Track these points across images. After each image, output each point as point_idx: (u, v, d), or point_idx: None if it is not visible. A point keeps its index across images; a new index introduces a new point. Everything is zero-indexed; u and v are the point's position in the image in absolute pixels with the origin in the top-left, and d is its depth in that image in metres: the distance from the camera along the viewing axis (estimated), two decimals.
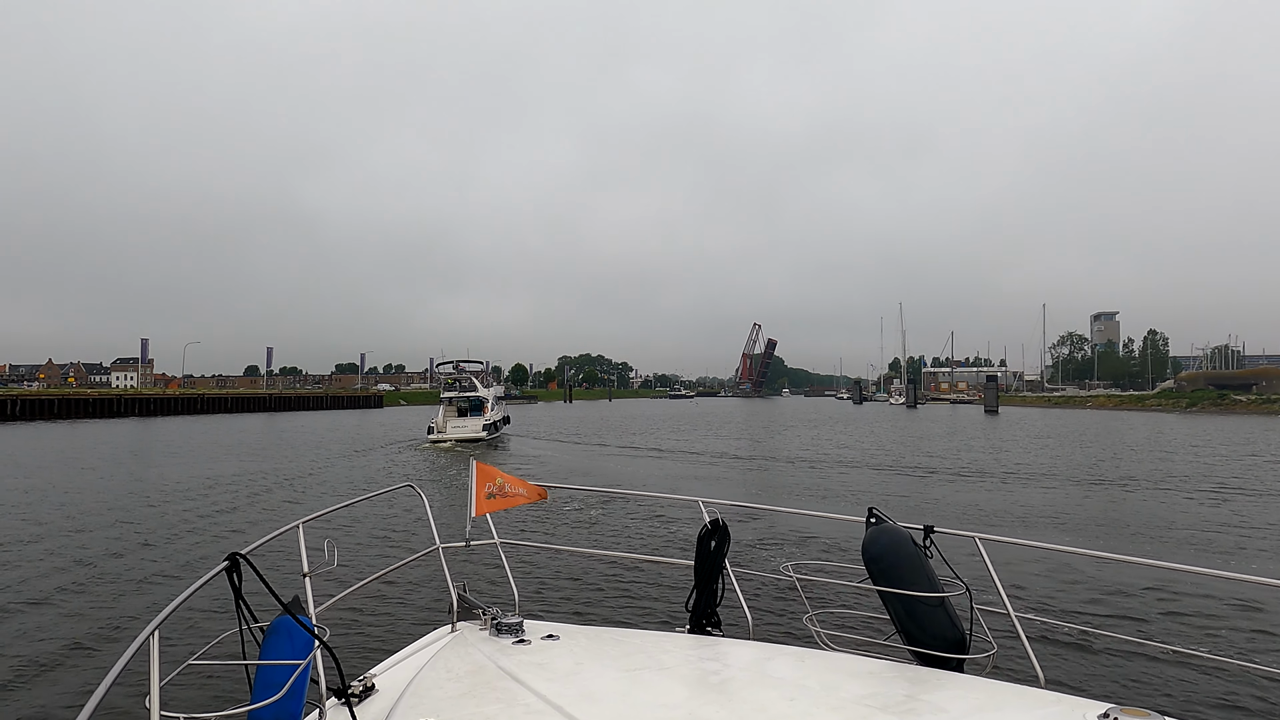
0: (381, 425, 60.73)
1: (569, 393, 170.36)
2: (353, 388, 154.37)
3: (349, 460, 31.46)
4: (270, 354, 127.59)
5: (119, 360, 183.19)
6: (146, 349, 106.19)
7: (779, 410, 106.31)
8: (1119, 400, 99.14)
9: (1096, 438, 44.15)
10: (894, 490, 21.51)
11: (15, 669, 7.85)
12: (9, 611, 9.81)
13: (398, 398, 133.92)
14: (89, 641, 8.69)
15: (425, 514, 4.59)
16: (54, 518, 16.61)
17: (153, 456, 32.24)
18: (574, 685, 2.94)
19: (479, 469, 4.43)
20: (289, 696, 2.49)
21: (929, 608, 3.46)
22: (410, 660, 3.52)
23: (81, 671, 7.79)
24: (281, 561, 9.09)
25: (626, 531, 15.21)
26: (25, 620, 9.48)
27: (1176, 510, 18.07)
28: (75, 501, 19.05)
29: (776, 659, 3.33)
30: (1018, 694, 2.95)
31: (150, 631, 2.20)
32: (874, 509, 3.84)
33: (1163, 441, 40.78)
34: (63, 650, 8.40)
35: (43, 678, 7.67)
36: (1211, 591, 9.97)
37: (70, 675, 7.70)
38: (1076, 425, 58.77)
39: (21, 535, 14.65)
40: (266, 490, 21.78)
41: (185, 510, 17.64)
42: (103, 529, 15.27)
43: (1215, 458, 31.08)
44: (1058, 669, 7.09)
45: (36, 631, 9.03)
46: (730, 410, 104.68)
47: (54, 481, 23.30)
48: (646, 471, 27.96)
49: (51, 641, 8.66)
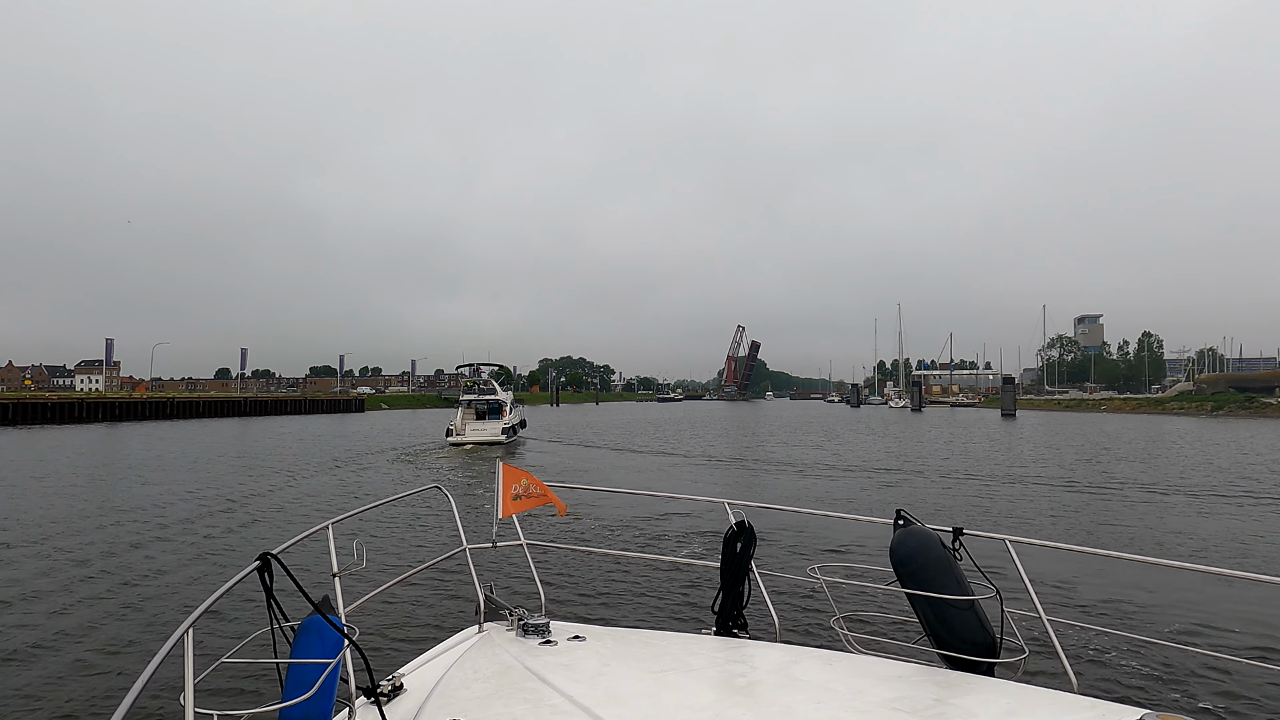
0: (380, 430, 56.24)
1: (555, 396, 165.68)
2: (331, 391, 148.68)
3: (364, 467, 29.66)
4: (244, 355, 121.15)
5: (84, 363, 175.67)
6: (112, 350, 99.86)
7: (773, 414, 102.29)
8: (1135, 404, 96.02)
9: (1152, 445, 40.82)
10: (1038, 509, 17.64)
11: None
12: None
13: (379, 401, 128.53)
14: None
15: (452, 515, 4.62)
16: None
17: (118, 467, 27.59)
18: (600, 686, 2.92)
19: (506, 471, 4.48)
20: (319, 695, 2.50)
21: (958, 611, 3.38)
22: (438, 660, 3.54)
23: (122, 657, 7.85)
24: (311, 562, 8.77)
25: (652, 533, 15.01)
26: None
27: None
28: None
29: (804, 661, 3.32)
30: (1050, 699, 2.90)
31: (185, 629, 2.27)
32: (901, 511, 3.78)
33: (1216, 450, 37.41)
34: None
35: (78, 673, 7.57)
36: (1256, 598, 9.60)
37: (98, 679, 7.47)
38: (1112, 431, 55.46)
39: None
40: (291, 503, 18.38)
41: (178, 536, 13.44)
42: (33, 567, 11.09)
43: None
44: (1091, 674, 6.95)
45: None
46: (720, 414, 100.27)
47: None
48: (679, 477, 26.81)
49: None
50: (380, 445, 41.90)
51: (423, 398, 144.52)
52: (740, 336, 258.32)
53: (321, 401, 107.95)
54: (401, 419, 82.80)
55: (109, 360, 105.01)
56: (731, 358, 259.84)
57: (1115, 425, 62.54)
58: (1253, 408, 75.44)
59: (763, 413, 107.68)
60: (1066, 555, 10.76)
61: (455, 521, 4.57)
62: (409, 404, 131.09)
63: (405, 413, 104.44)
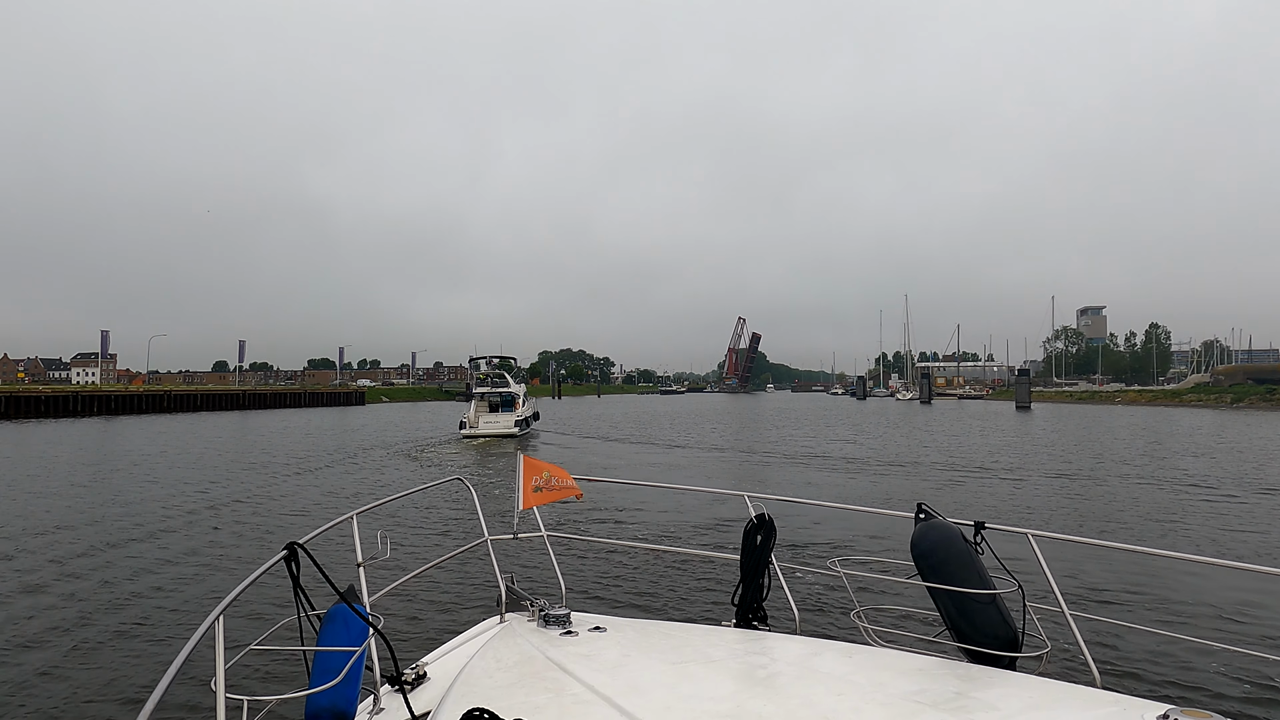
0: (385, 424, 54.66)
1: (558, 388, 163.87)
2: (330, 383, 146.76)
3: (376, 462, 28.52)
4: (242, 348, 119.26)
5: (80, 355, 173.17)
6: (108, 342, 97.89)
7: (781, 406, 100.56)
8: (1151, 396, 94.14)
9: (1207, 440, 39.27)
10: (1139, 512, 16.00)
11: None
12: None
13: (380, 394, 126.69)
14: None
15: (474, 506, 4.68)
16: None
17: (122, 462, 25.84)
18: (621, 677, 2.90)
19: (526, 463, 4.46)
20: (345, 682, 2.53)
21: (980, 604, 3.35)
22: (461, 649, 3.55)
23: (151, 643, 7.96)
24: (336, 552, 8.43)
25: (672, 525, 14.92)
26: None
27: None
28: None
29: (824, 654, 3.28)
30: (1072, 693, 2.87)
31: (215, 617, 2.30)
32: (923, 504, 3.78)
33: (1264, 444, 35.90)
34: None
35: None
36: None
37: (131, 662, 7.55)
38: (1141, 424, 53.96)
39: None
40: (315, 504, 16.65)
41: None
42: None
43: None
44: (1115, 669, 6.82)
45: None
46: (726, 407, 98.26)
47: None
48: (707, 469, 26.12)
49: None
50: (390, 439, 40.49)
51: (424, 390, 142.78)
52: (741, 329, 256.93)
53: (322, 395, 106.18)
54: (404, 412, 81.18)
55: (105, 353, 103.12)
56: (733, 350, 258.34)
57: (1143, 419, 60.71)
58: (1275, 399, 73.76)
59: (769, 405, 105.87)
60: (1091, 550, 10.76)
61: (477, 513, 4.61)
62: (409, 396, 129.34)
63: (407, 406, 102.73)
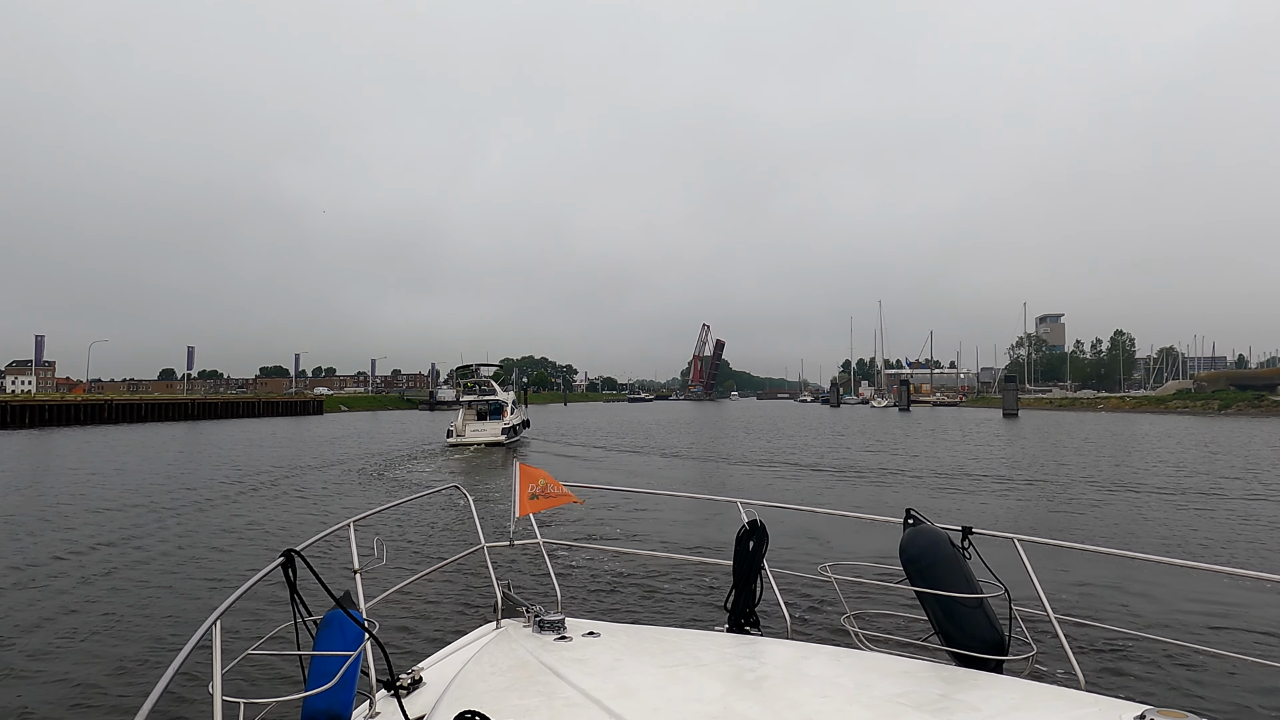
0: (352, 434, 50.80)
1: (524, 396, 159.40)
2: (284, 391, 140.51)
3: (369, 472, 27.17)
4: (191, 354, 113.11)
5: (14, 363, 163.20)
6: (42, 348, 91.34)
7: (754, 415, 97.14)
8: (1135, 402, 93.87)
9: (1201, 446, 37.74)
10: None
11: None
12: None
13: (338, 403, 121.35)
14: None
15: (470, 514, 4.75)
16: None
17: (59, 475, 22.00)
18: (613, 680, 2.94)
19: (522, 470, 4.52)
20: (340, 686, 2.56)
21: (967, 608, 3.40)
22: (456, 655, 3.59)
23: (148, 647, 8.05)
24: (333, 559, 9.00)
25: (666, 532, 15.16)
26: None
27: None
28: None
29: (813, 658, 3.33)
30: (1054, 695, 2.93)
31: (212, 621, 2.35)
32: (911, 510, 3.80)
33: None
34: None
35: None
36: (1262, 597, 9.58)
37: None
38: (1140, 432, 52.68)
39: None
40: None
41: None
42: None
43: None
44: (1099, 671, 6.90)
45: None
46: (694, 415, 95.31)
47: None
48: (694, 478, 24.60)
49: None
50: (363, 450, 37.30)
51: (385, 399, 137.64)
52: (705, 335, 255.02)
53: (277, 403, 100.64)
54: (366, 421, 76.93)
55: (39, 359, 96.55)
56: (698, 357, 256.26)
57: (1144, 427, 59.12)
58: (1263, 406, 73.90)
59: (741, 413, 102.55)
60: (1078, 555, 10.66)
61: (473, 520, 4.69)
62: (370, 405, 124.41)
63: (366, 415, 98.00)
